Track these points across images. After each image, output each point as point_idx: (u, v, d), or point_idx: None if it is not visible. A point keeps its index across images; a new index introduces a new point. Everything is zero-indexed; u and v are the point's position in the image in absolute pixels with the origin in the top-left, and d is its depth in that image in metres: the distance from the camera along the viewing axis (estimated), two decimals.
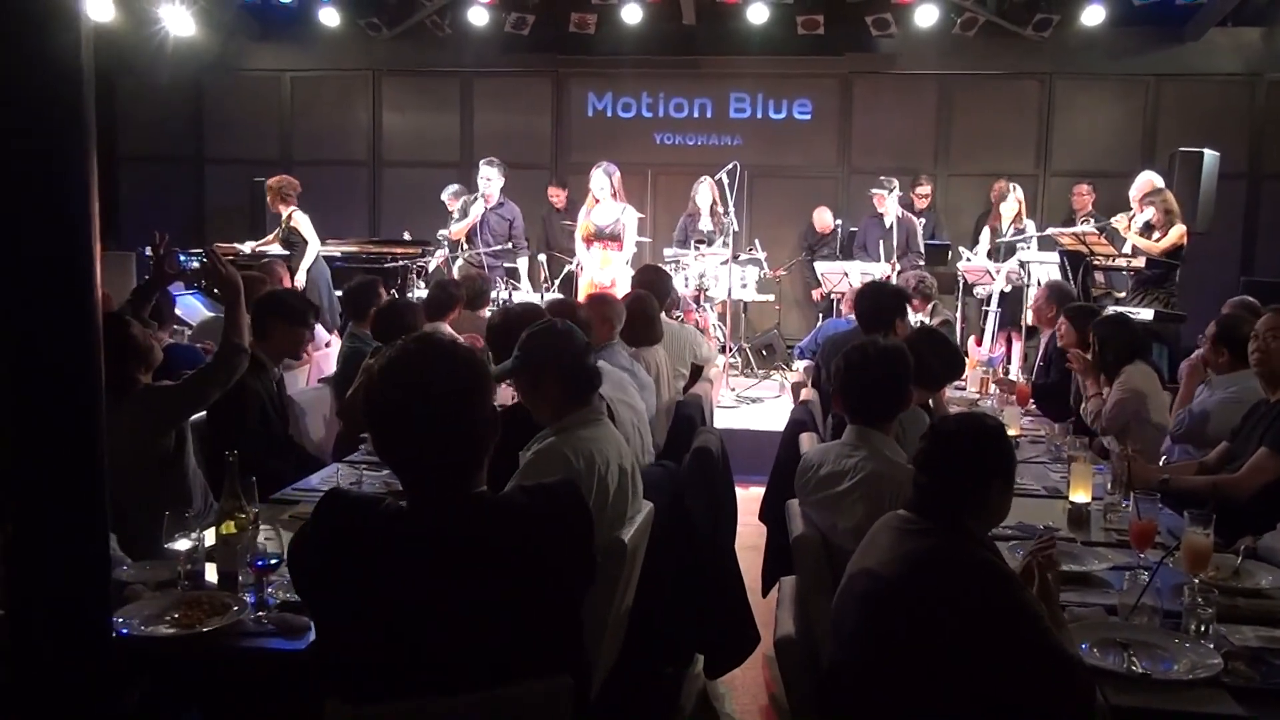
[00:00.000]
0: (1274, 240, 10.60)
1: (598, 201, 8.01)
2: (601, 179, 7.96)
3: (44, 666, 1.52)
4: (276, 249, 8.43)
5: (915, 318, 7.36)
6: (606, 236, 7.98)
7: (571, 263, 8.70)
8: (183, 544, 2.59)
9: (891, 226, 9.02)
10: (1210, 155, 8.29)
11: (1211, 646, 2.28)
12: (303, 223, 8.37)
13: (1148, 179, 7.93)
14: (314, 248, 8.35)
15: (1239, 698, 2.11)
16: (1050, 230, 8.21)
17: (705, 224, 8.87)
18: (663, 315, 5.37)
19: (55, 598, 1.44)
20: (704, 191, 8.87)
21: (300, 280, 8.02)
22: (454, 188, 9.46)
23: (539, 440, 2.83)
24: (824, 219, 10.28)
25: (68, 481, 1.42)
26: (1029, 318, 6.93)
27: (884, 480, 2.86)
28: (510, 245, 8.96)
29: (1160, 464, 4.21)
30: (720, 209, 8.76)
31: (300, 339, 4.32)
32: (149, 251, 4.05)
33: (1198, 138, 9.04)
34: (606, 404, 3.51)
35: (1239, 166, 10.22)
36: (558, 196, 10.47)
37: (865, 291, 5.00)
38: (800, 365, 6.83)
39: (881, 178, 9.24)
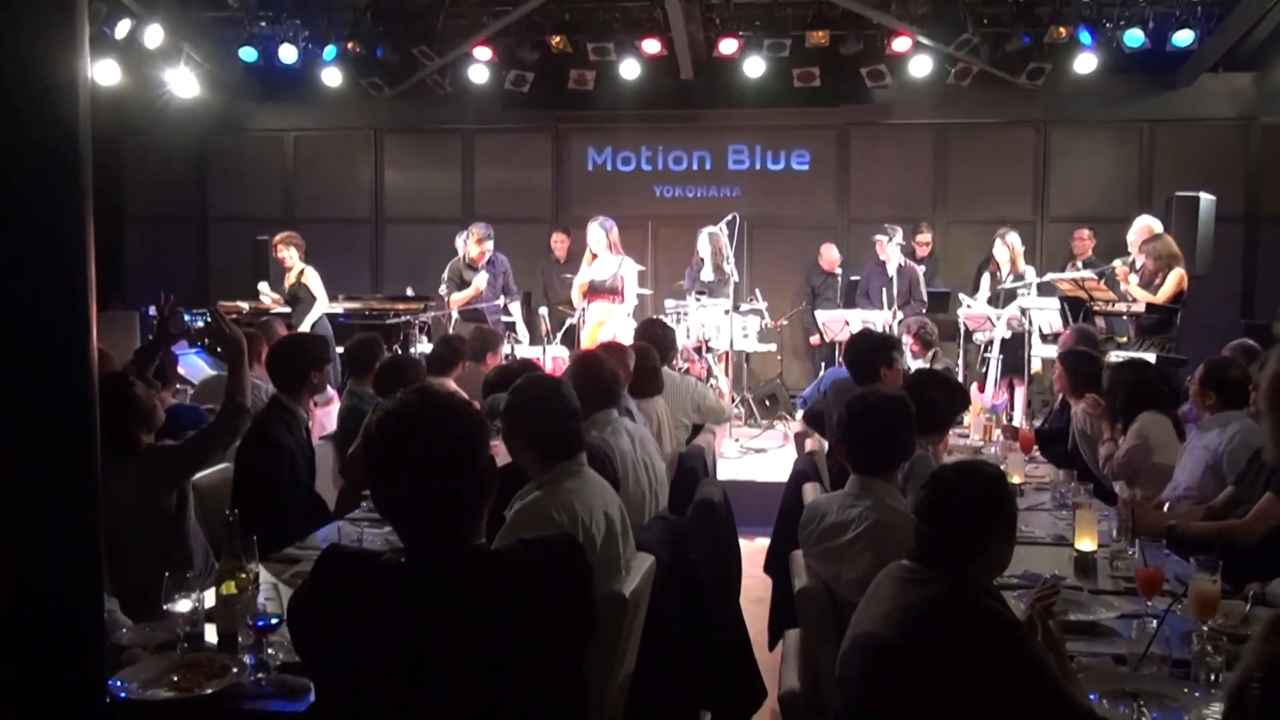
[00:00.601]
0: (1273, 282, 10.60)
1: (595, 256, 8.07)
2: (597, 233, 8.01)
3: None
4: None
5: (916, 364, 7.36)
6: (605, 290, 8.02)
7: (573, 316, 8.71)
8: (183, 605, 2.57)
9: (894, 274, 9.05)
10: (1206, 199, 8.34)
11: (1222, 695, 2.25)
12: (314, 279, 8.40)
13: (1145, 224, 7.95)
14: (321, 305, 8.38)
15: None
16: (1050, 276, 8.24)
17: (707, 274, 8.91)
18: (664, 367, 5.38)
19: (50, 662, 1.43)
20: (702, 242, 8.92)
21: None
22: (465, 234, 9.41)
23: (520, 498, 2.86)
24: (830, 255, 10.28)
25: (64, 543, 1.42)
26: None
27: (887, 530, 2.84)
28: (502, 299, 8.94)
29: (1166, 509, 4.18)
30: (719, 260, 8.80)
31: (326, 378, 4.34)
32: (153, 311, 4.08)
33: (1194, 182, 9.11)
34: (607, 459, 3.51)
35: (1235, 210, 10.27)
36: (560, 243, 10.41)
37: (852, 342, 5.04)
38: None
39: (886, 225, 9.29)
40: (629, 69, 10.35)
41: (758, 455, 8.03)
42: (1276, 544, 3.41)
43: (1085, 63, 9.88)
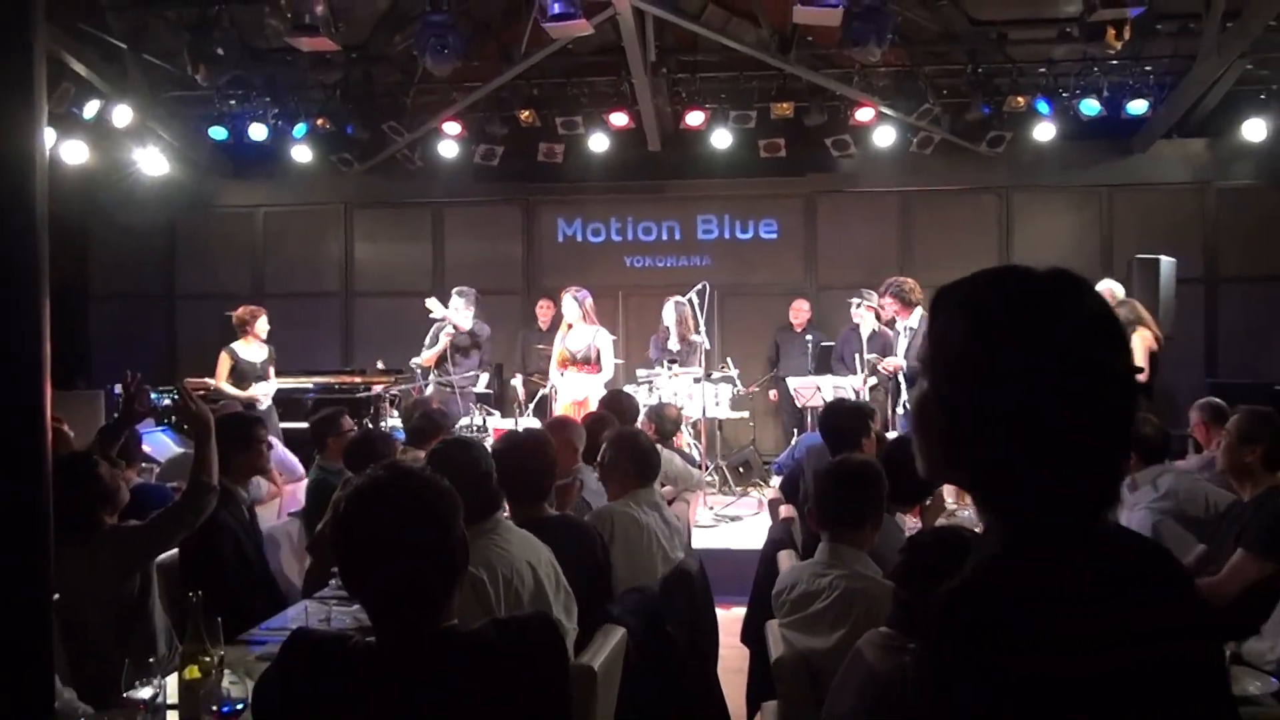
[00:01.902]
0: (1235, 342, 10.78)
1: (570, 327, 8.08)
2: (571, 304, 8.04)
3: None
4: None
5: (908, 322, 7.31)
6: (581, 361, 8.02)
7: (546, 386, 8.67)
8: (144, 691, 2.50)
9: (867, 338, 9.09)
10: (1167, 262, 8.49)
11: None
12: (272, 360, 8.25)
13: (1107, 287, 8.02)
14: (273, 387, 8.22)
15: None
16: None
17: (674, 344, 8.93)
18: None
19: None
20: (668, 312, 8.96)
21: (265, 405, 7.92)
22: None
23: None
24: (800, 307, 10.33)
25: (11, 629, 1.37)
26: None
27: (858, 598, 2.82)
28: (478, 369, 8.83)
29: None
30: (684, 329, 8.80)
31: (258, 455, 4.24)
32: (118, 390, 4.02)
33: (1153, 245, 9.29)
34: (598, 537, 3.48)
35: (1195, 271, 10.45)
36: (545, 308, 10.16)
37: (829, 411, 5.04)
38: (778, 482, 6.80)
39: (862, 290, 9.35)
40: (597, 142, 10.47)
41: (732, 523, 7.98)
42: (1250, 602, 3.40)
43: (1044, 131, 10.10)
